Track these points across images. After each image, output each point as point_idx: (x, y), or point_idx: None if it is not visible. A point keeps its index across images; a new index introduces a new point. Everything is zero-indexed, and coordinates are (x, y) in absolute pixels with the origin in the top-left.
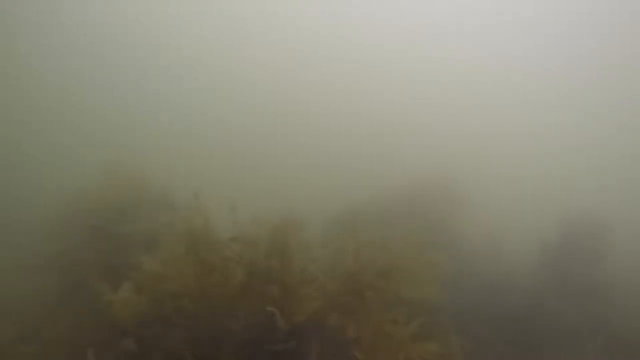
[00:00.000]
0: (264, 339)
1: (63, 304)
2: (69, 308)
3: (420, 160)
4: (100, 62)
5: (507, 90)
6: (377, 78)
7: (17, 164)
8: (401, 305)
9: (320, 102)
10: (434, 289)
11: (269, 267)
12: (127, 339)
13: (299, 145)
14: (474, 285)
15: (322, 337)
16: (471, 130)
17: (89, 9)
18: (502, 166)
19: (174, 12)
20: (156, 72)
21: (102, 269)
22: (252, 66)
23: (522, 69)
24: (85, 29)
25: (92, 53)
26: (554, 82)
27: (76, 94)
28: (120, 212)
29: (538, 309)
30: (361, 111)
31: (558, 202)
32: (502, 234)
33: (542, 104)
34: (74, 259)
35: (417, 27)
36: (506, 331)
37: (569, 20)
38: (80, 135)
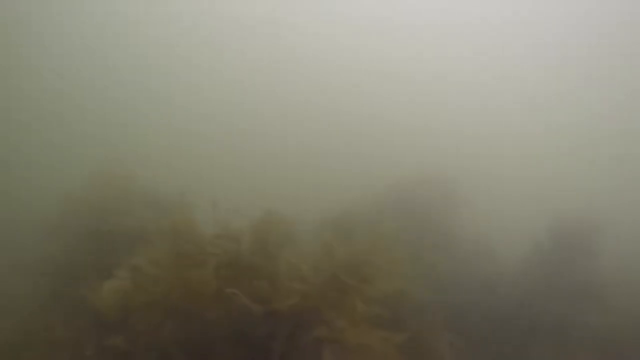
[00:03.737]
0: (248, 330)
1: (57, 302)
2: (63, 306)
3: (415, 161)
4: (100, 62)
5: (503, 92)
6: (374, 78)
7: (11, 165)
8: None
9: (318, 102)
10: (402, 284)
11: (252, 262)
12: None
13: (298, 146)
14: (468, 284)
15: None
16: (466, 131)
17: (87, 9)
18: (496, 167)
19: (174, 12)
20: (156, 73)
21: (95, 268)
22: (250, 67)
23: (519, 70)
24: (83, 29)
25: (87, 54)
26: (549, 84)
27: (75, 95)
28: (111, 211)
29: (530, 308)
30: (358, 111)
31: (551, 202)
32: (497, 234)
33: (537, 106)
34: (67, 258)
35: (414, 27)
36: (499, 329)
37: (566, 22)
38: (73, 136)
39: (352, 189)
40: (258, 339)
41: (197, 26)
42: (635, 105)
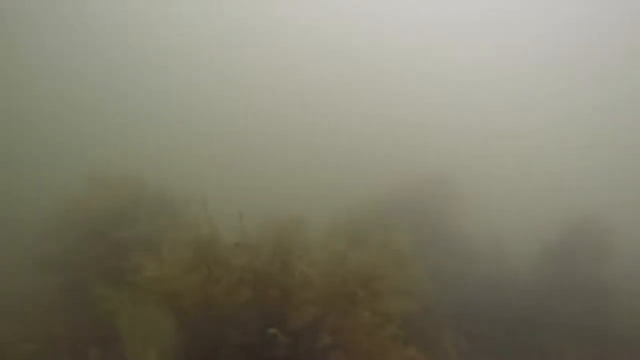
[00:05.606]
0: (261, 346)
1: (63, 303)
2: (68, 307)
3: (422, 160)
4: (101, 62)
5: (508, 91)
6: (377, 78)
7: (16, 164)
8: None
9: (321, 103)
10: (413, 302)
11: (271, 272)
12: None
13: (299, 146)
14: (476, 285)
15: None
16: (474, 130)
17: (88, 8)
18: (503, 166)
19: (174, 12)
20: (157, 73)
21: (101, 270)
22: (252, 66)
23: (523, 68)
24: (86, 29)
25: (93, 54)
26: (555, 82)
27: (76, 94)
28: (118, 214)
29: (540, 309)
30: (362, 111)
31: (560, 202)
32: (504, 234)
33: (544, 104)
34: (72, 259)
35: (416, 27)
36: (508, 331)
37: (568, 21)
38: (75, 136)
39: (358, 189)
40: (270, 353)
41: (203, 25)
42: None
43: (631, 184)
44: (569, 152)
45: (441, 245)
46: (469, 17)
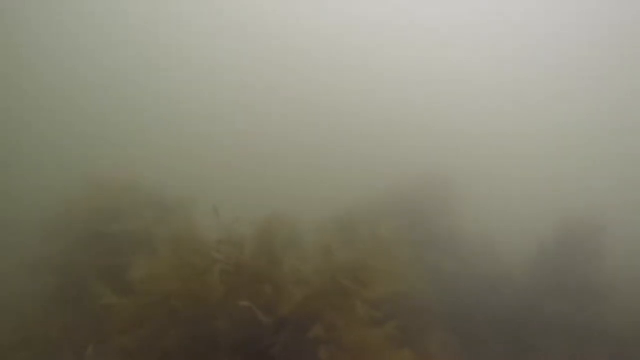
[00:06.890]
0: (253, 337)
1: (60, 303)
2: (66, 307)
3: (418, 160)
4: (100, 63)
5: (505, 91)
6: (374, 78)
7: (15, 165)
8: (379, 306)
9: (318, 102)
10: (404, 286)
11: (256, 267)
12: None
13: (298, 146)
14: (472, 285)
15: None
16: (469, 130)
17: (87, 9)
18: (499, 167)
19: (174, 12)
20: (149, 74)
21: (98, 270)
22: (246, 66)
23: (520, 69)
24: (84, 29)
25: (93, 54)
26: (552, 82)
27: (76, 95)
28: (113, 213)
29: (535, 309)
30: (359, 111)
31: (555, 202)
32: (500, 234)
33: (540, 104)
34: (70, 259)
35: (414, 29)
36: (504, 331)
37: (566, 21)
38: (76, 137)
39: (354, 189)
40: (261, 346)
41: (200, 26)
42: None
43: (627, 184)
44: (566, 153)
45: (438, 246)
46: (469, 18)
